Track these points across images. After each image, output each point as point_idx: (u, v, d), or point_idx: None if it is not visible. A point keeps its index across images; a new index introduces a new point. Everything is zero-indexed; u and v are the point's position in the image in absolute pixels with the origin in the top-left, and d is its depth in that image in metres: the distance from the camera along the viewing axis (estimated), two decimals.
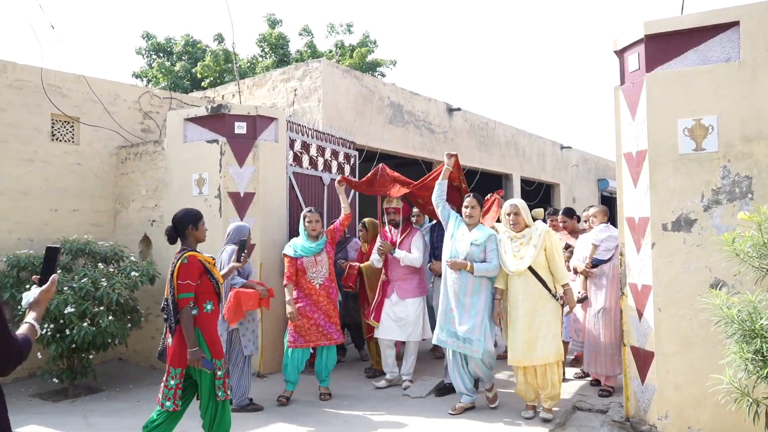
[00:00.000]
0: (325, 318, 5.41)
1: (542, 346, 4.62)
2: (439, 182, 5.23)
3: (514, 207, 4.85)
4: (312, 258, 5.38)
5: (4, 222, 6.59)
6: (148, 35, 19.73)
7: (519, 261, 4.69)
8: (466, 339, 4.86)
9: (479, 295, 4.89)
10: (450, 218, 5.14)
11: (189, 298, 3.72)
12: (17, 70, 6.81)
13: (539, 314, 4.65)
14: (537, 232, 4.74)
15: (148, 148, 7.29)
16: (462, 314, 4.89)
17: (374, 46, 19.98)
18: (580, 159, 17.67)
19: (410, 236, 5.75)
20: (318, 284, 5.37)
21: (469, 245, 4.90)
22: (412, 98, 10.57)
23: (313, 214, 5.47)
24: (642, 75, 4.44)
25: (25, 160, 6.80)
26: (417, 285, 5.74)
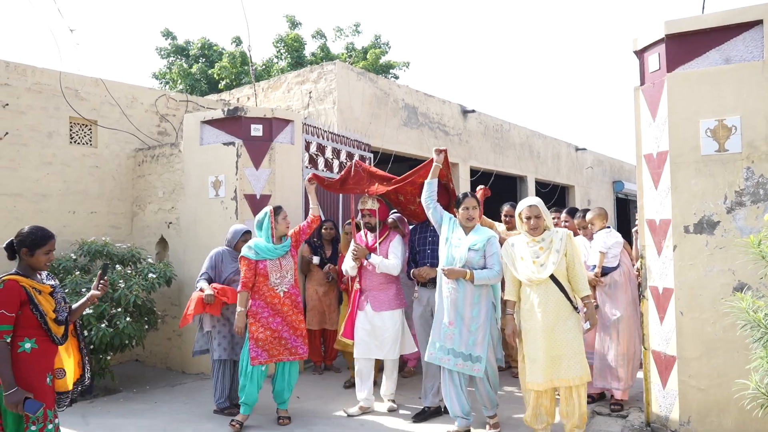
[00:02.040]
0: (290, 330, 4.81)
1: (568, 366, 4.02)
2: (429, 181, 4.72)
3: (534, 209, 4.21)
4: (276, 262, 4.80)
5: (24, 224, 6.56)
6: (168, 33, 19.85)
7: (540, 269, 4.09)
8: (466, 356, 4.36)
9: (479, 306, 4.41)
10: (443, 221, 4.67)
11: (2, 332, 3.04)
12: (36, 73, 6.88)
13: (561, 329, 4.04)
14: (558, 236, 4.18)
15: (164, 151, 7.33)
16: (461, 328, 4.38)
17: (387, 48, 19.98)
18: (595, 161, 17.54)
19: (388, 241, 5.17)
20: (282, 292, 4.79)
21: (467, 250, 4.41)
22: (426, 100, 10.55)
23: (285, 210, 4.99)
24: (663, 75, 4.39)
25: (44, 162, 6.86)
26: (394, 296, 5.12)
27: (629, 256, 5.38)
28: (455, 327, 4.40)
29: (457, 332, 4.39)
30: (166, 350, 6.98)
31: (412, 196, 5.25)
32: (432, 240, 5.01)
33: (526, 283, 4.15)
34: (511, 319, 4.27)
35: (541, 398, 4.15)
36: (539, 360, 4.03)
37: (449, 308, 4.43)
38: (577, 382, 4.03)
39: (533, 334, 4.09)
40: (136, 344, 5.96)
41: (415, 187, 5.07)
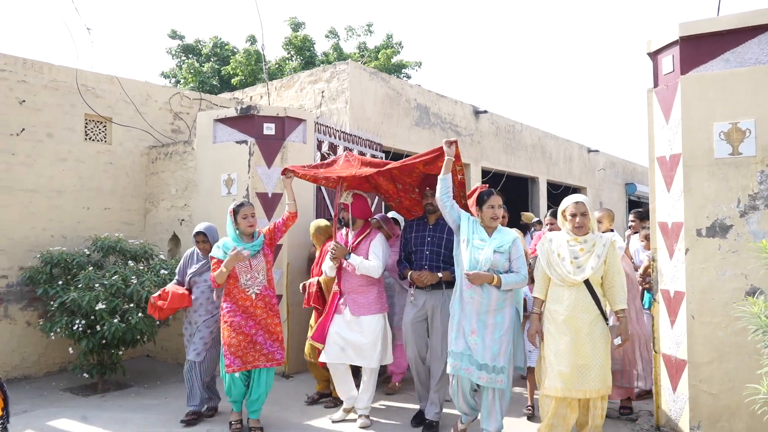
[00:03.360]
0: (265, 334, 4.51)
1: (594, 377, 3.77)
2: (442, 177, 4.22)
3: (580, 206, 3.91)
4: (246, 262, 4.49)
5: (39, 219, 6.73)
6: (175, 34, 19.98)
7: (576, 270, 3.84)
8: (490, 368, 4.01)
9: (503, 312, 4.08)
10: (462, 220, 4.25)
11: None
12: (53, 71, 6.96)
13: (588, 338, 3.79)
14: (602, 241, 3.90)
15: (178, 149, 7.39)
16: (485, 337, 4.03)
17: (399, 48, 19.99)
18: (607, 163, 17.45)
19: (368, 239, 4.76)
20: (254, 293, 4.48)
21: (492, 253, 4.06)
22: (438, 100, 10.55)
23: (248, 207, 4.58)
24: (676, 77, 4.36)
25: (59, 159, 6.94)
26: (375, 299, 4.74)
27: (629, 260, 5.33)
28: (478, 336, 4.04)
29: (480, 341, 4.03)
30: (177, 346, 7.03)
31: (410, 187, 4.89)
32: (431, 240, 4.61)
33: (557, 282, 3.91)
34: (537, 318, 4.01)
35: (562, 408, 3.87)
36: (563, 366, 3.78)
37: (471, 316, 4.06)
38: (598, 394, 3.80)
39: (557, 337, 3.85)
40: (147, 340, 6.02)
41: (414, 178, 4.75)
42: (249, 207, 4.57)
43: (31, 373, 6.55)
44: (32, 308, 6.58)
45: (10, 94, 6.58)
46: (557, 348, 3.83)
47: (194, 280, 4.99)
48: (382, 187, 4.99)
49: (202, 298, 4.96)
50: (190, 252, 5.14)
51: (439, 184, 4.24)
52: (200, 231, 5.03)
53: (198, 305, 4.96)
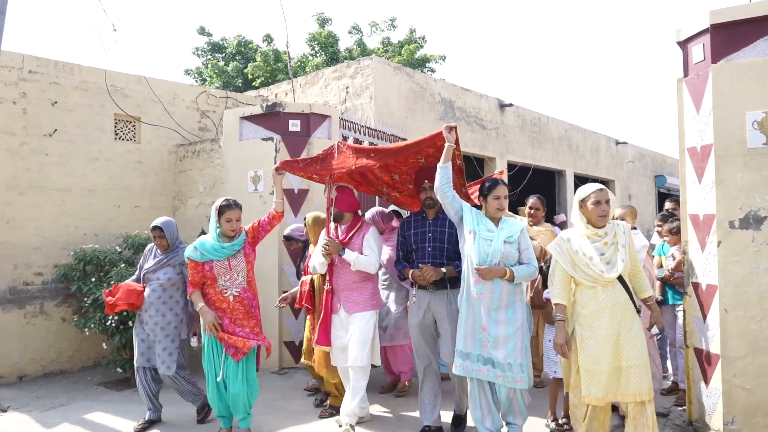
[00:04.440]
0: (243, 330, 4.26)
1: (638, 378, 3.50)
2: (443, 166, 3.93)
3: (605, 193, 3.64)
4: (225, 263, 4.20)
5: (71, 218, 6.89)
6: (203, 30, 20.18)
7: (607, 267, 3.57)
8: (505, 366, 3.77)
9: (515, 307, 3.85)
10: (464, 211, 3.98)
11: None
12: (83, 72, 7.10)
13: (626, 336, 3.54)
14: (620, 229, 3.65)
15: (205, 146, 7.48)
16: (497, 333, 3.79)
17: (423, 42, 19.92)
18: (636, 155, 17.17)
19: (360, 234, 4.52)
20: (231, 296, 4.20)
21: (502, 244, 3.83)
22: (463, 94, 10.49)
23: (234, 210, 4.26)
24: (707, 66, 4.27)
25: (90, 158, 7.08)
26: (370, 296, 4.52)
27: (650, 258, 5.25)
28: (489, 333, 3.81)
29: (493, 339, 3.80)
30: None
31: (408, 176, 4.64)
32: (433, 236, 4.30)
33: (587, 284, 3.60)
34: (563, 326, 3.67)
35: (598, 413, 3.65)
36: (601, 372, 3.51)
37: (482, 312, 3.83)
38: (648, 397, 3.52)
39: (595, 342, 3.54)
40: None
41: (410, 165, 4.51)
42: (235, 210, 4.25)
43: (66, 368, 6.72)
44: (67, 304, 6.74)
45: (42, 96, 6.74)
46: (596, 354, 3.53)
47: (147, 276, 4.71)
48: (377, 178, 4.74)
49: (152, 297, 4.64)
50: (149, 247, 4.87)
51: (439, 173, 3.95)
52: (156, 225, 4.70)
53: (148, 304, 4.63)
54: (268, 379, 5.98)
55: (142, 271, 4.77)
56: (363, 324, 4.41)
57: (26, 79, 6.65)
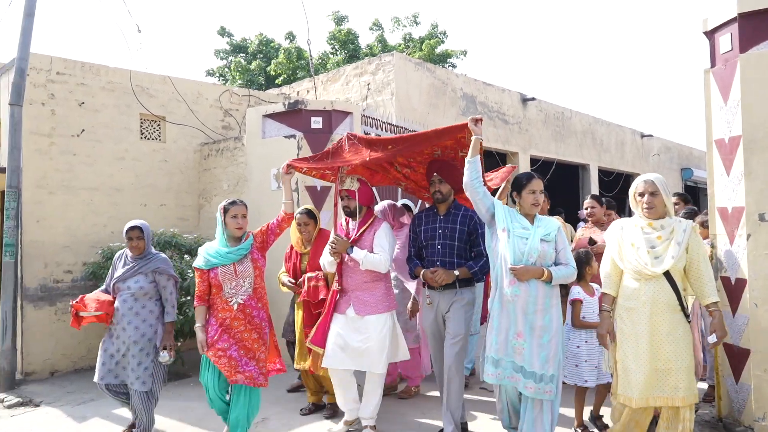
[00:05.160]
0: (241, 350, 3.92)
1: (675, 382, 3.32)
2: (471, 160, 3.69)
3: (649, 184, 3.46)
4: (230, 268, 3.92)
5: (100, 216, 7.02)
6: (224, 31, 20.37)
7: (654, 261, 3.38)
8: (538, 377, 3.50)
9: (551, 313, 3.57)
10: (496, 208, 3.72)
11: None
12: (109, 73, 7.21)
13: (669, 338, 3.35)
14: (681, 226, 3.43)
15: (228, 145, 7.56)
16: (531, 341, 3.53)
17: (444, 37, 19.84)
18: (662, 147, 16.91)
19: (372, 230, 4.26)
20: (236, 304, 3.92)
21: (539, 242, 3.58)
22: (485, 89, 10.44)
23: (239, 206, 4.02)
24: (735, 56, 4.19)
25: (117, 158, 7.20)
26: (383, 297, 4.24)
27: None
28: (524, 340, 3.53)
29: (528, 346, 3.52)
30: None
31: (423, 165, 4.42)
32: (443, 233, 4.14)
33: (632, 276, 3.46)
34: (608, 316, 3.54)
35: (637, 415, 3.47)
36: (638, 372, 3.36)
37: (517, 316, 3.56)
38: (683, 403, 3.33)
39: (633, 339, 3.41)
40: None
41: (425, 156, 4.32)
42: (240, 206, 4.01)
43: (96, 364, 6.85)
44: None
45: (70, 97, 6.87)
46: (633, 351, 3.40)
47: (118, 286, 4.25)
48: (392, 165, 4.56)
49: (124, 308, 4.19)
50: (118, 255, 4.40)
51: (468, 168, 3.69)
52: (136, 225, 4.26)
53: (120, 316, 4.18)
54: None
55: (111, 280, 4.30)
56: (379, 329, 4.15)
57: (54, 81, 6.78)
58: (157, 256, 4.32)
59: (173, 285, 4.33)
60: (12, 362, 6.05)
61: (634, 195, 3.56)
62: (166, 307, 4.28)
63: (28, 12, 6.09)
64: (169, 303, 4.28)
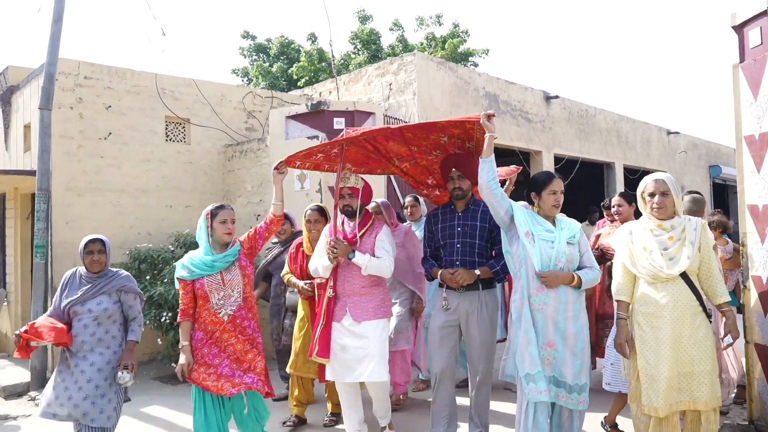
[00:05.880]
0: (233, 364, 3.62)
1: (698, 386, 3.21)
2: (486, 159, 3.45)
3: (661, 184, 3.33)
4: (216, 278, 3.62)
5: (126, 218, 7.13)
6: (247, 34, 20.59)
7: (669, 263, 3.26)
8: (571, 387, 3.34)
9: (581, 319, 3.43)
10: (515, 210, 3.50)
11: None
12: (135, 76, 7.33)
13: (690, 341, 3.22)
14: (692, 225, 3.32)
15: (252, 146, 7.62)
16: (564, 351, 3.35)
17: (466, 36, 19.77)
18: (689, 145, 16.62)
19: (373, 232, 3.99)
20: (226, 315, 3.61)
21: (566, 246, 3.41)
22: (507, 87, 10.36)
23: (228, 210, 3.72)
24: (765, 51, 4.10)
25: (143, 160, 7.31)
26: (380, 302, 3.97)
27: None
28: (556, 349, 3.36)
29: (560, 356, 3.35)
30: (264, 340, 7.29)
31: (428, 150, 4.11)
32: (462, 231, 3.87)
33: (647, 280, 3.32)
34: (625, 324, 3.38)
35: (663, 425, 3.28)
36: (660, 377, 3.20)
37: (546, 325, 3.37)
38: (707, 407, 3.21)
39: (654, 345, 3.25)
40: None
41: (431, 141, 4.02)
42: (229, 211, 3.73)
43: None
44: None
45: (97, 101, 6.99)
46: (654, 358, 3.24)
47: (75, 310, 3.62)
48: (393, 152, 4.20)
49: (84, 335, 3.59)
50: (70, 273, 3.78)
51: (482, 168, 3.45)
52: (97, 238, 3.71)
53: (79, 344, 3.58)
54: None
55: (63, 303, 3.65)
56: (378, 335, 3.88)
57: (82, 85, 6.91)
58: (120, 273, 3.79)
59: (140, 303, 3.84)
60: (43, 361, 6.18)
61: (642, 195, 3.43)
62: (131, 326, 3.74)
63: (56, 18, 6.21)
64: (135, 322, 3.76)
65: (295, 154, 4.03)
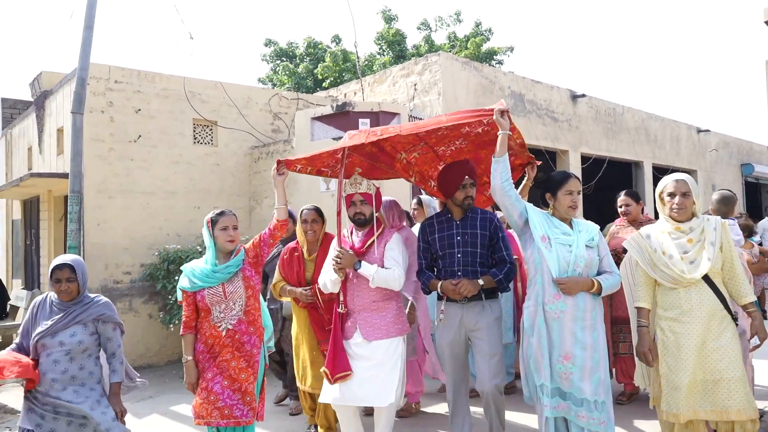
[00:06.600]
0: (224, 381, 3.35)
1: (727, 393, 3.03)
2: (499, 159, 3.25)
3: (682, 184, 3.20)
4: (218, 289, 3.37)
5: (156, 219, 7.25)
6: (270, 41, 20.81)
7: (690, 266, 3.13)
8: (591, 404, 3.13)
9: (598, 329, 3.23)
10: (530, 212, 3.34)
11: None
12: (164, 80, 7.45)
13: (715, 345, 3.08)
14: (711, 225, 3.19)
15: (278, 147, 7.69)
16: (584, 363, 3.15)
17: (489, 35, 19.67)
18: (720, 143, 16.28)
19: (382, 241, 3.66)
20: (225, 329, 3.36)
21: (584, 249, 3.25)
22: (533, 86, 10.28)
23: (229, 217, 3.47)
24: None
25: (172, 162, 7.43)
26: (393, 318, 3.63)
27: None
28: (572, 362, 3.16)
29: (577, 370, 3.16)
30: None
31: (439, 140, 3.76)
32: (463, 240, 3.63)
33: (668, 285, 3.19)
34: (646, 332, 3.25)
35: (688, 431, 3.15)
36: (681, 385, 3.09)
37: (563, 335, 3.19)
38: (741, 416, 3.02)
39: (675, 351, 3.14)
40: None
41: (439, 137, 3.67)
42: (230, 217, 3.47)
43: (154, 362, 7.09)
44: (153, 302, 7.11)
45: (127, 104, 7.13)
46: (677, 364, 3.12)
47: (43, 343, 3.13)
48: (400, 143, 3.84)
49: (56, 371, 3.10)
50: (40, 300, 3.30)
51: (495, 168, 3.26)
52: (66, 263, 3.19)
53: (48, 382, 3.09)
54: None
55: (30, 336, 3.18)
56: (389, 356, 3.55)
57: (112, 89, 7.05)
58: (97, 300, 3.31)
59: (120, 335, 3.37)
60: None
61: (661, 195, 3.30)
62: (112, 364, 3.27)
63: (87, 24, 6.34)
64: (116, 359, 3.28)
65: (297, 158, 3.78)
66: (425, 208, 5.14)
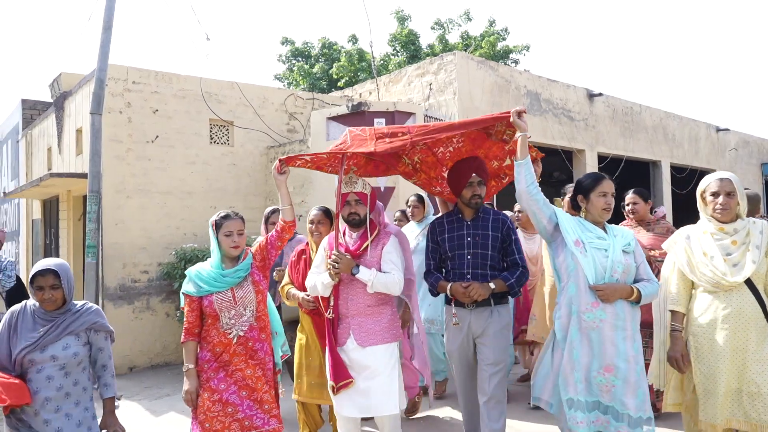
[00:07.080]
0: (242, 391, 3.21)
1: (764, 406, 2.91)
2: (522, 162, 3.14)
3: (725, 183, 3.07)
4: (227, 294, 3.23)
5: (173, 219, 7.31)
6: (286, 40, 20.89)
7: (732, 269, 2.99)
8: (635, 420, 2.94)
9: (637, 338, 3.07)
10: (560, 217, 3.19)
11: None
12: (180, 80, 7.51)
13: (755, 356, 2.94)
14: (756, 228, 3.06)
15: (294, 147, 7.71)
16: (627, 376, 2.97)
17: (505, 34, 19.59)
18: (739, 142, 16.07)
19: (378, 243, 3.47)
20: (236, 336, 3.21)
21: (621, 255, 3.08)
22: (549, 85, 10.22)
23: (234, 221, 3.31)
24: None
25: (188, 162, 7.49)
26: (388, 324, 3.46)
27: None
28: (614, 375, 2.98)
29: (620, 382, 2.96)
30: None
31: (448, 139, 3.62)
32: (473, 242, 3.52)
33: (707, 289, 3.07)
34: (680, 337, 3.12)
35: None
36: (718, 392, 2.97)
37: (604, 346, 3.01)
38: None
39: (710, 358, 3.02)
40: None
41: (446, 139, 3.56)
42: (235, 221, 3.30)
43: (171, 360, 7.15)
44: (170, 301, 7.16)
45: (145, 105, 7.19)
46: (712, 371, 3.01)
47: (32, 358, 2.81)
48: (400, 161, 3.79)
49: (49, 389, 2.81)
50: (19, 310, 2.91)
51: (519, 172, 3.15)
52: (49, 268, 2.83)
53: (41, 403, 2.79)
54: None
55: (15, 352, 2.80)
56: (386, 361, 3.38)
57: (130, 90, 7.12)
58: (88, 307, 3.00)
59: (110, 345, 3.10)
60: None
61: (702, 194, 3.17)
62: (103, 377, 3.01)
63: (106, 26, 6.41)
64: (108, 371, 3.03)
65: (298, 155, 3.58)
66: (426, 206, 5.10)
